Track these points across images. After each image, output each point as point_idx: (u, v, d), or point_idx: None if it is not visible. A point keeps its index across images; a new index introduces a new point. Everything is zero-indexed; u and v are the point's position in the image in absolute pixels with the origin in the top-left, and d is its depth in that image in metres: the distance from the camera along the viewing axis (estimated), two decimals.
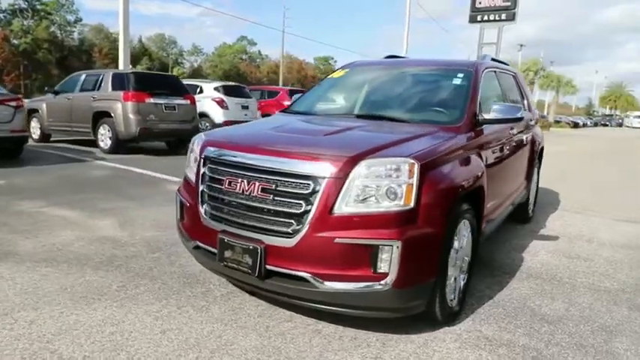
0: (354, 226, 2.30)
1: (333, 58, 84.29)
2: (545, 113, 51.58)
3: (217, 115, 12.62)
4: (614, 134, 30.66)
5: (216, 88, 13.01)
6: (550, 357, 2.47)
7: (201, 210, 2.73)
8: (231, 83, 14.73)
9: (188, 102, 10.34)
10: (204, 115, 12.22)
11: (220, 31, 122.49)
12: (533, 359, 2.44)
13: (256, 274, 2.44)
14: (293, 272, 2.39)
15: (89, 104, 9.90)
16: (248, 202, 2.50)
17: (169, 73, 16.21)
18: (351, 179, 2.32)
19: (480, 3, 33.21)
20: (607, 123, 71.38)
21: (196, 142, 3.01)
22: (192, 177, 2.89)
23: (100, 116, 9.73)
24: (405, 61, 4.28)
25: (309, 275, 2.35)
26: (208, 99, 12.57)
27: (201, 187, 2.76)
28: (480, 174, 2.97)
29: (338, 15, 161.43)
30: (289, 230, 2.38)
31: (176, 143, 10.75)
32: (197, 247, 2.82)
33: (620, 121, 71.47)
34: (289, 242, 2.38)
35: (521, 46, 61.56)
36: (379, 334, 2.60)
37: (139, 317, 2.68)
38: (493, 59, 4.40)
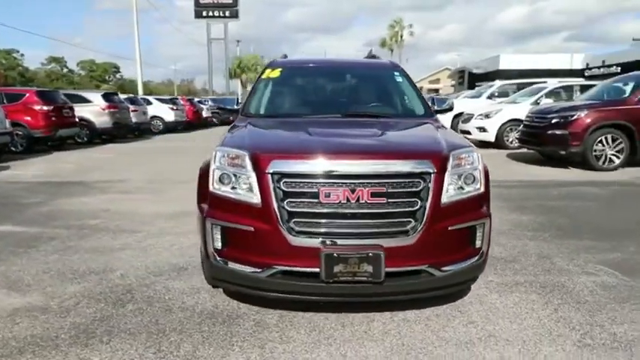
0: (456, 213, 2.58)
1: (19, 51, 67.76)
2: None
3: None
4: None
5: None
6: (569, 282, 3.29)
7: (284, 230, 2.44)
8: None
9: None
10: None
11: None
12: (562, 287, 3.20)
13: (380, 280, 2.41)
14: (412, 268, 2.49)
15: None
16: (357, 210, 2.43)
17: None
18: (448, 171, 2.56)
19: None
20: None
21: (222, 156, 2.64)
22: (249, 197, 2.51)
23: None
24: (332, 61, 4.51)
25: (428, 266, 2.50)
26: None
27: (275, 205, 2.45)
28: None
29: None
30: (407, 228, 2.46)
31: None
32: (274, 274, 2.49)
33: None
34: (409, 240, 2.46)
35: (238, 41, 66.29)
36: (457, 306, 2.89)
37: None
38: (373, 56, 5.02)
